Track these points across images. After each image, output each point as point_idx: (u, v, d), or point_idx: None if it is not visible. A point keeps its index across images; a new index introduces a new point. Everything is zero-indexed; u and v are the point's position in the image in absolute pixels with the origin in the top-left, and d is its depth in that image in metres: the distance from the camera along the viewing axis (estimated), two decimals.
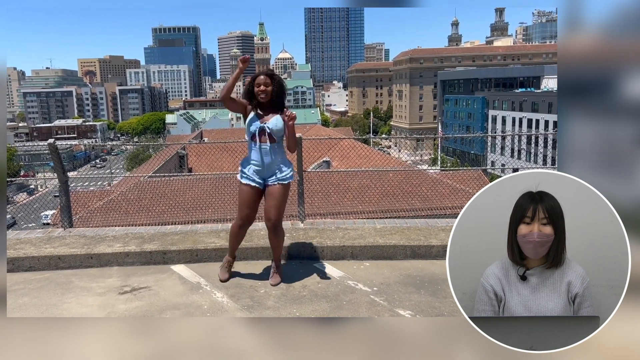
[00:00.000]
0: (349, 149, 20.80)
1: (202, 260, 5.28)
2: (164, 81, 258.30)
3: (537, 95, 73.60)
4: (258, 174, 4.49)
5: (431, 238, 5.42)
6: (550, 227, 2.71)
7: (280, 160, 4.49)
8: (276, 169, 4.48)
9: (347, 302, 4.25)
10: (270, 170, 4.47)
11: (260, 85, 4.38)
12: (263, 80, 4.39)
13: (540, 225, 2.71)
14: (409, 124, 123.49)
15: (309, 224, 6.12)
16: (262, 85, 4.37)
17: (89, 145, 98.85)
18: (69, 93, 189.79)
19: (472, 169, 22.61)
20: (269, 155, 4.42)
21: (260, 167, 4.47)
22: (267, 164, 4.45)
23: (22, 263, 5.21)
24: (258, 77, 4.43)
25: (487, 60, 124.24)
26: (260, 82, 4.39)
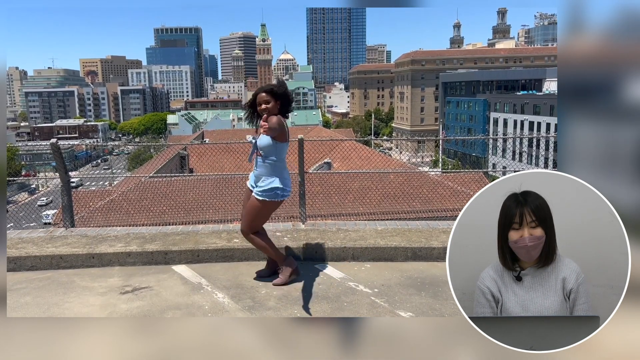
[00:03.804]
0: (350, 150, 20.81)
1: (204, 261, 5.29)
2: (166, 82, 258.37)
3: (538, 97, 73.53)
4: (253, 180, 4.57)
5: (432, 240, 5.43)
6: (540, 228, 2.70)
7: (264, 173, 4.43)
8: (260, 179, 4.47)
9: (348, 304, 4.26)
10: (257, 179, 4.50)
11: (261, 104, 4.35)
12: (263, 98, 4.34)
13: (530, 229, 2.70)
14: (411, 126, 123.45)
15: (310, 225, 6.13)
16: (263, 104, 4.34)
17: (91, 145, 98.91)
18: (70, 93, 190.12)
19: (474, 171, 22.59)
20: (257, 166, 4.49)
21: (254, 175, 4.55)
22: (255, 173, 4.52)
23: (24, 262, 5.23)
24: (259, 95, 4.38)
25: (489, 62, 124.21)
26: (260, 100, 4.36)
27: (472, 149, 66.85)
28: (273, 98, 4.33)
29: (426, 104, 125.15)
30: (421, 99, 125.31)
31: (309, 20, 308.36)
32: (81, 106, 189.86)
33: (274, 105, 4.34)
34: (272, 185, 4.41)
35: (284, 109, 4.43)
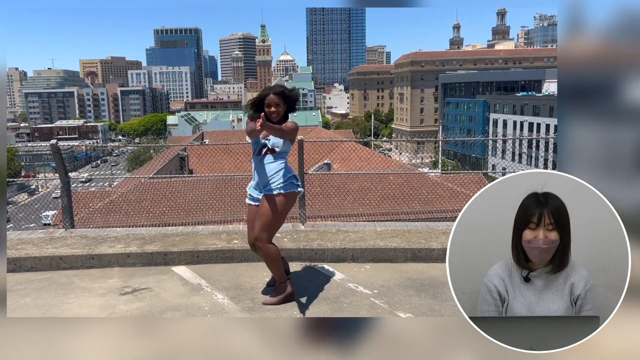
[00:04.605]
0: (349, 151, 20.82)
1: (203, 262, 5.29)
2: (166, 82, 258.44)
3: (538, 98, 73.60)
4: (256, 188, 4.24)
5: (432, 241, 5.43)
6: (556, 232, 2.67)
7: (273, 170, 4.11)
8: (270, 178, 4.12)
9: (348, 305, 4.26)
10: (264, 181, 4.14)
11: (270, 107, 4.06)
12: (274, 100, 4.06)
13: (546, 231, 2.67)
14: (410, 127, 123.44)
15: (310, 226, 6.13)
16: (273, 107, 4.06)
17: (90, 146, 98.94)
18: (70, 94, 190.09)
19: (473, 172, 22.59)
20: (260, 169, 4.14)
21: (256, 182, 4.21)
22: (260, 176, 4.15)
23: (24, 263, 5.23)
24: (268, 97, 4.07)
25: (489, 63, 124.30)
26: (270, 102, 4.06)
27: (471, 150, 66.90)
28: (283, 101, 4.10)
29: (426, 105, 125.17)
30: (421, 100, 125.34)
31: (309, 21, 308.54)
32: (81, 107, 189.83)
33: (283, 109, 4.11)
34: (287, 175, 4.13)
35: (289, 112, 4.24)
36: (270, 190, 4.10)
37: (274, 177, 4.11)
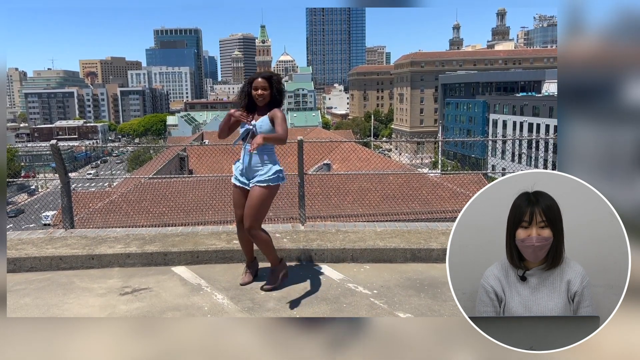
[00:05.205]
0: (349, 151, 20.84)
1: (203, 262, 5.29)
2: (165, 83, 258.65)
3: (538, 99, 73.62)
4: (243, 174, 4.43)
5: (431, 241, 5.43)
6: (549, 229, 2.70)
7: (264, 159, 4.33)
8: (258, 170, 4.34)
9: (347, 305, 4.26)
10: (252, 171, 4.36)
11: (257, 89, 4.30)
12: (261, 83, 4.30)
13: (538, 229, 2.70)
14: (410, 127, 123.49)
15: (310, 226, 6.13)
16: (260, 90, 4.30)
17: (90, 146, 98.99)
18: (70, 94, 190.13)
19: (473, 172, 22.59)
20: (248, 156, 4.34)
21: (243, 168, 4.41)
22: (248, 165, 4.36)
23: (24, 263, 5.23)
24: (256, 80, 4.33)
25: (489, 64, 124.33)
26: (257, 85, 4.31)
27: (471, 151, 66.93)
28: (269, 85, 4.31)
29: (425, 105, 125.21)
30: (420, 100, 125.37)
31: (309, 22, 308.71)
32: (81, 107, 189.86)
33: (270, 94, 4.32)
34: (274, 169, 4.34)
35: (276, 101, 4.38)
36: (260, 182, 4.32)
37: (262, 171, 4.34)
